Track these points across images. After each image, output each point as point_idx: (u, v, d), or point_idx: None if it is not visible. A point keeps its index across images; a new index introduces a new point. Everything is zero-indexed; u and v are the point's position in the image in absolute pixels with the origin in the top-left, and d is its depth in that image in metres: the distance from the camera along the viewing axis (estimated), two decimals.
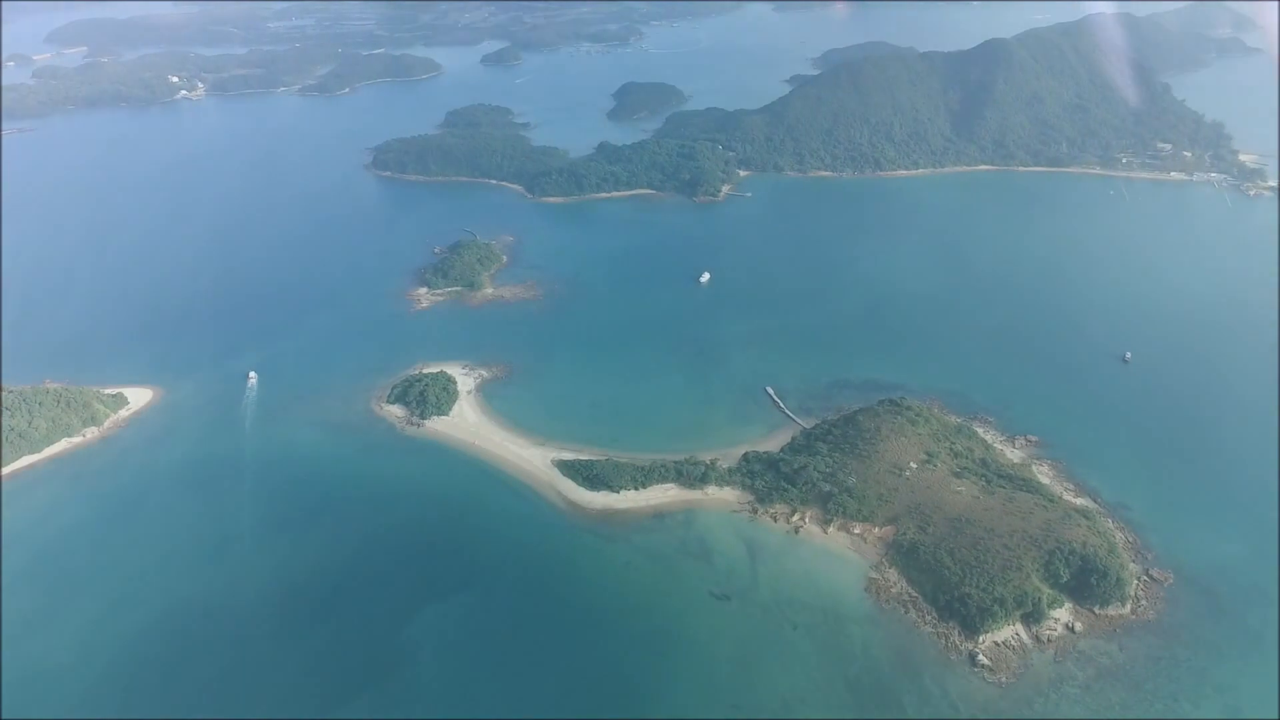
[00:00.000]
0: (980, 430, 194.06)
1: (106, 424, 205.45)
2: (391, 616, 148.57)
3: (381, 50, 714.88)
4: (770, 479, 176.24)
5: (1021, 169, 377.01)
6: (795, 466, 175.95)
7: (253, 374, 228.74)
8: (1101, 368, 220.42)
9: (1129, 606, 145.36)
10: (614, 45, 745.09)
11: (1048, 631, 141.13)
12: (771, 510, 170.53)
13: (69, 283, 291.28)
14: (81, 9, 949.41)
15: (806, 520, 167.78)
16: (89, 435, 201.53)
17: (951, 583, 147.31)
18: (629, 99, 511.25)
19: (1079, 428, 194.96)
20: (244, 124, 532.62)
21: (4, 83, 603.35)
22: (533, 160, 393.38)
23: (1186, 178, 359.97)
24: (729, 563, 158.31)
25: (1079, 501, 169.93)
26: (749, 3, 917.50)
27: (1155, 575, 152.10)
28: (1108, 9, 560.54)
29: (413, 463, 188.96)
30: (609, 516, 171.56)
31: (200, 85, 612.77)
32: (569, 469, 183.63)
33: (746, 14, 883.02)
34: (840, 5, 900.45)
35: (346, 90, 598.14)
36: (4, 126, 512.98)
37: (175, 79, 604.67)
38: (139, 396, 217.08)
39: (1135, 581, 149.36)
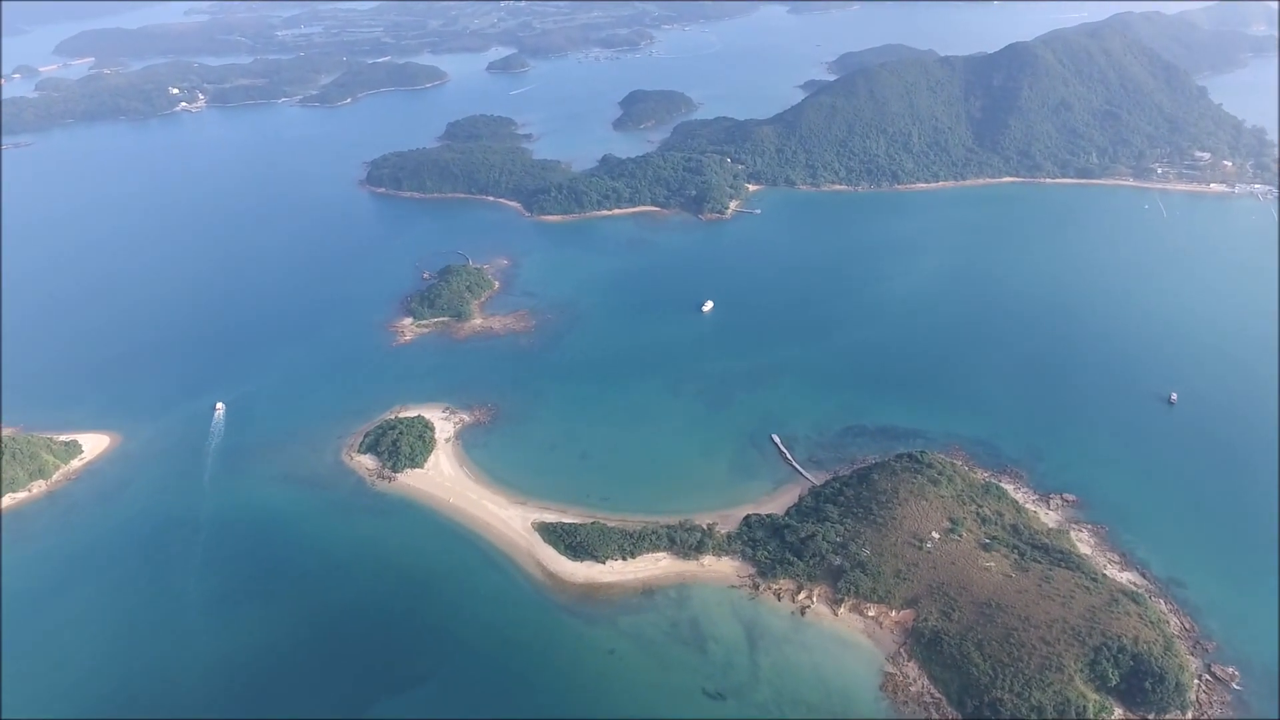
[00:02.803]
0: (1010, 488, 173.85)
1: (55, 476, 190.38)
2: (339, 713, 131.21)
3: (387, 59, 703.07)
4: (774, 549, 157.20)
5: (1048, 181, 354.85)
6: (802, 535, 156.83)
7: (220, 405, 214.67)
8: (1144, 410, 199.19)
9: (1190, 714, 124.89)
10: (624, 50, 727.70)
11: None
12: (775, 586, 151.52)
13: (30, 313, 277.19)
14: (92, 19, 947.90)
15: (814, 599, 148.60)
16: (34, 490, 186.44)
17: (981, 684, 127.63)
18: (636, 108, 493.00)
19: (1121, 484, 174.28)
20: (239, 137, 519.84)
21: (7, 96, 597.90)
22: (532, 175, 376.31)
23: (1228, 189, 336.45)
24: (725, 652, 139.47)
25: (1125, 577, 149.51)
26: (763, 3, 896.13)
27: (1218, 674, 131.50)
28: (1136, 8, 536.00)
29: (379, 525, 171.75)
30: (592, 592, 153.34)
31: (201, 97, 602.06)
32: (550, 534, 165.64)
33: (760, 16, 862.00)
34: (857, 6, 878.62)
35: (348, 101, 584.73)
36: (2, 142, 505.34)
37: (175, 90, 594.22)
38: (94, 444, 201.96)
39: (1196, 683, 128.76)
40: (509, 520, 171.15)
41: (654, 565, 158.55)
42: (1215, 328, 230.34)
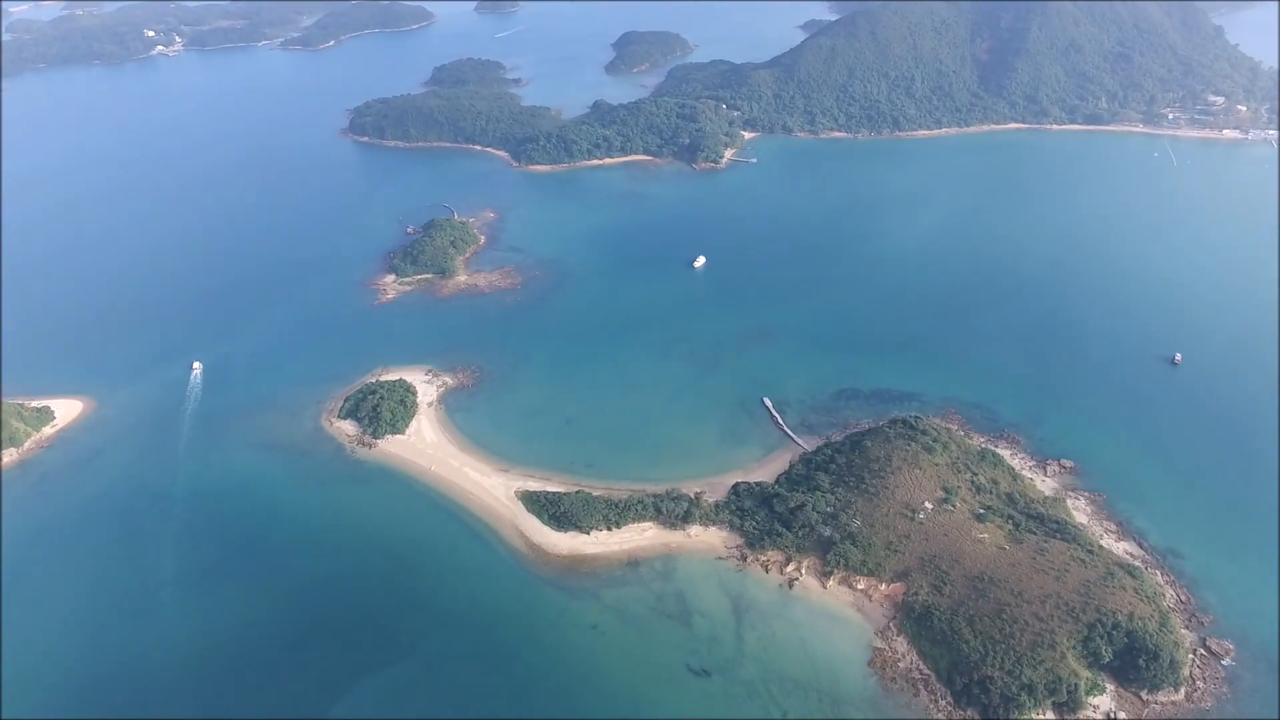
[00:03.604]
0: (1007, 453, 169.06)
1: (28, 444, 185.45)
2: (318, 693, 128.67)
3: None
4: (763, 519, 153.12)
5: (1055, 127, 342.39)
6: (792, 505, 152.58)
7: (197, 365, 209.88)
8: (1146, 372, 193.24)
9: (1183, 691, 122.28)
10: None
11: None
12: (763, 558, 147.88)
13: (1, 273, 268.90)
14: None
15: (803, 571, 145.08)
16: (7, 459, 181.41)
17: (971, 660, 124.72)
18: (629, 50, 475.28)
19: (1120, 449, 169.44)
20: (217, 84, 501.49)
21: None
22: (520, 123, 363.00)
23: (1241, 135, 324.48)
24: (711, 626, 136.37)
25: (1121, 548, 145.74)
26: None
27: (1213, 648, 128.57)
28: None
29: (359, 495, 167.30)
30: (576, 564, 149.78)
31: (178, 39, 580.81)
32: (534, 503, 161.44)
33: None
34: None
35: (331, 43, 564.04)
36: None
37: (151, 33, 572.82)
38: (68, 410, 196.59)
39: (1190, 658, 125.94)
40: (491, 489, 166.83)
41: (640, 536, 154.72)
42: (1223, 285, 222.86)
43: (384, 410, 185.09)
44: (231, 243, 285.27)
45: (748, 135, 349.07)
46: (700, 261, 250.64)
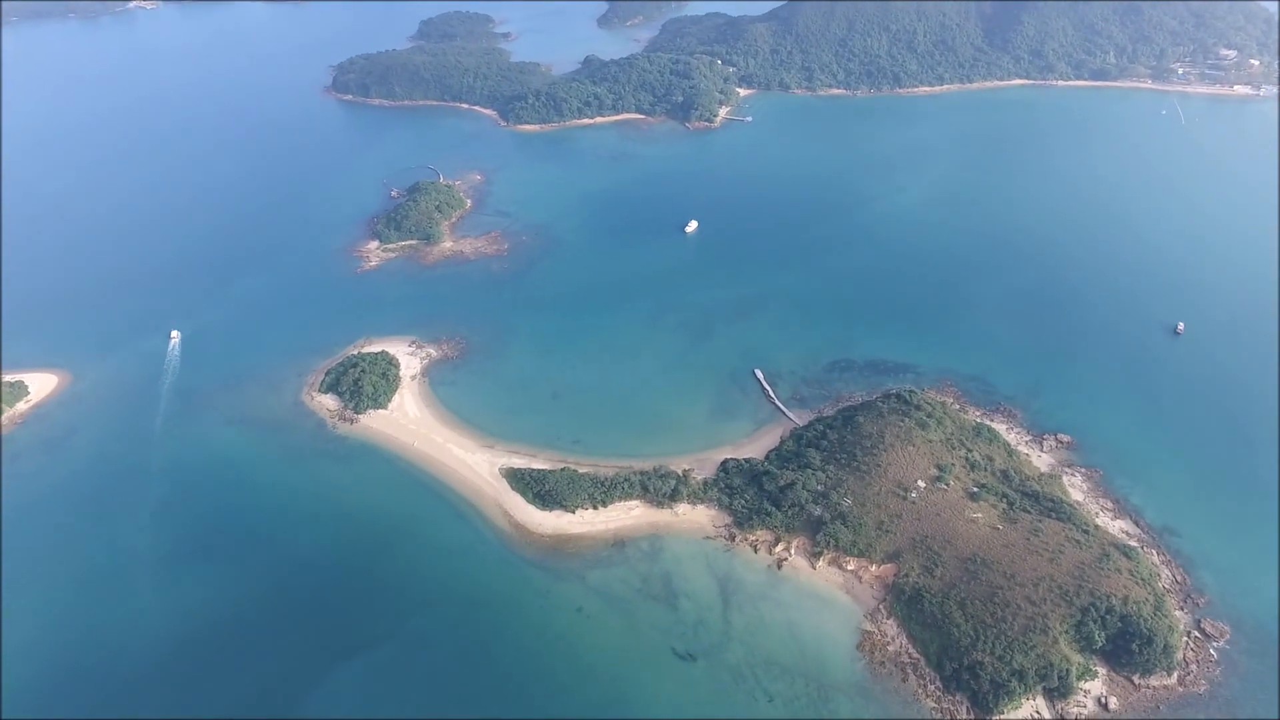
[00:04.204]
0: (1003, 428, 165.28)
1: (1, 421, 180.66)
2: (297, 677, 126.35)
3: None
4: (752, 497, 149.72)
5: (1060, 83, 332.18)
6: (782, 483, 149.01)
7: (175, 334, 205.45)
8: (1148, 342, 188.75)
9: (1175, 675, 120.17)
10: None
11: (1075, 709, 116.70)
12: (752, 538, 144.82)
13: None
14: None
15: (792, 551, 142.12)
16: None
17: (961, 645, 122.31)
18: (622, 2, 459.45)
19: (1119, 423, 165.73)
20: (196, 39, 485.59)
21: None
22: (509, 80, 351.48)
23: (1252, 92, 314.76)
24: (698, 609, 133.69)
25: (1117, 526, 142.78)
26: None
27: (1208, 629, 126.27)
28: None
29: (340, 473, 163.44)
30: (561, 544, 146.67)
31: None
32: (519, 481, 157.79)
33: None
34: None
35: None
36: None
37: None
38: (42, 384, 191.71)
39: (1184, 640, 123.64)
40: (476, 466, 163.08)
41: (626, 514, 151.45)
42: (1229, 250, 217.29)
43: (365, 384, 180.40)
44: (209, 207, 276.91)
45: (743, 92, 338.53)
46: (692, 226, 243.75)
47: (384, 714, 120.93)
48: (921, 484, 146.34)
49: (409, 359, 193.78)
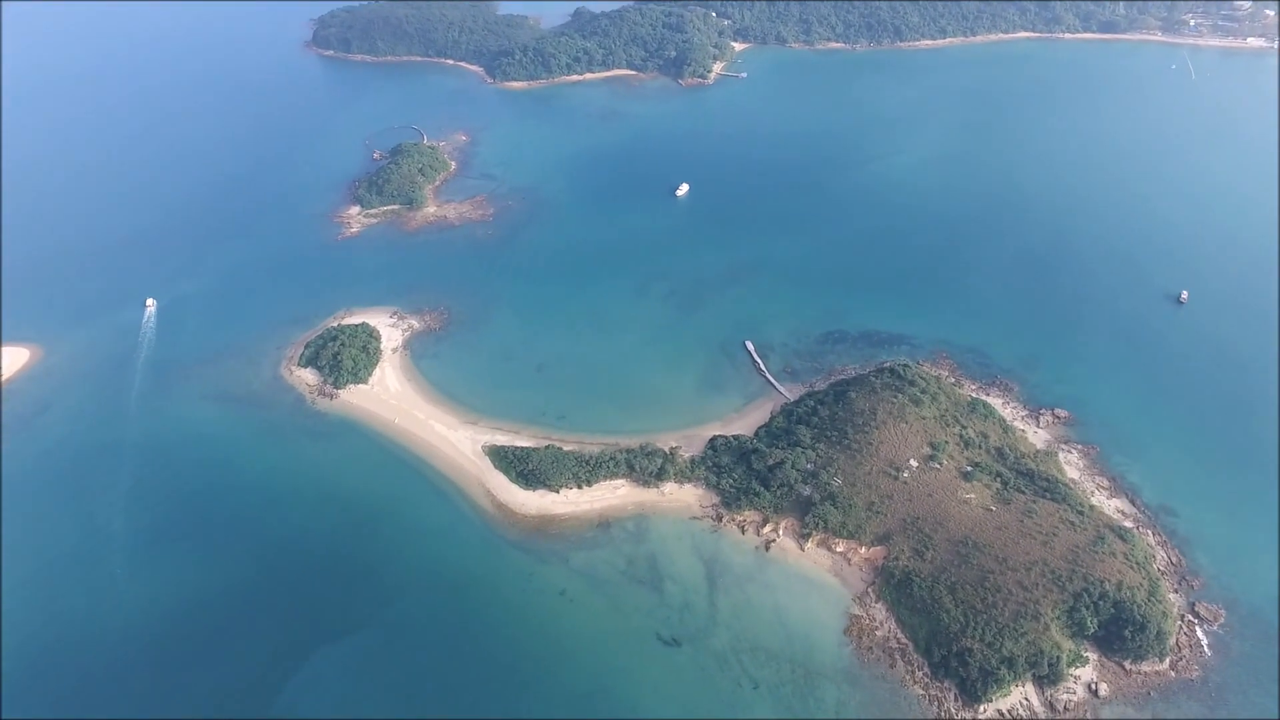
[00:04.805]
0: (999, 403, 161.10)
1: None
2: (272, 665, 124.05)
3: None
4: (740, 476, 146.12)
5: (1069, 36, 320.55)
6: (770, 462, 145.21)
7: (150, 302, 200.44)
8: (1150, 311, 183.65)
9: (1168, 661, 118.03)
10: None
11: (1065, 696, 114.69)
12: (739, 518, 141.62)
13: None
14: None
15: (780, 532, 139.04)
16: None
17: (951, 631, 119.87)
18: None
19: (1118, 396, 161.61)
20: None
21: None
22: (495, 35, 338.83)
23: (1267, 45, 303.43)
24: (683, 592, 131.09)
25: (1113, 505, 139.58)
26: None
27: (1202, 613, 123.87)
28: None
29: (319, 451, 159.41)
30: (545, 525, 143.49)
31: None
32: (502, 459, 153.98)
33: None
34: None
35: None
36: None
37: None
38: (13, 358, 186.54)
39: (1178, 626, 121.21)
40: (458, 443, 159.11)
41: (611, 494, 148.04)
42: (1238, 214, 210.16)
43: (345, 358, 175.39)
44: (185, 170, 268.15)
45: (738, 47, 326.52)
46: (683, 189, 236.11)
47: (364, 703, 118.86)
48: (914, 463, 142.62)
49: (390, 330, 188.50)
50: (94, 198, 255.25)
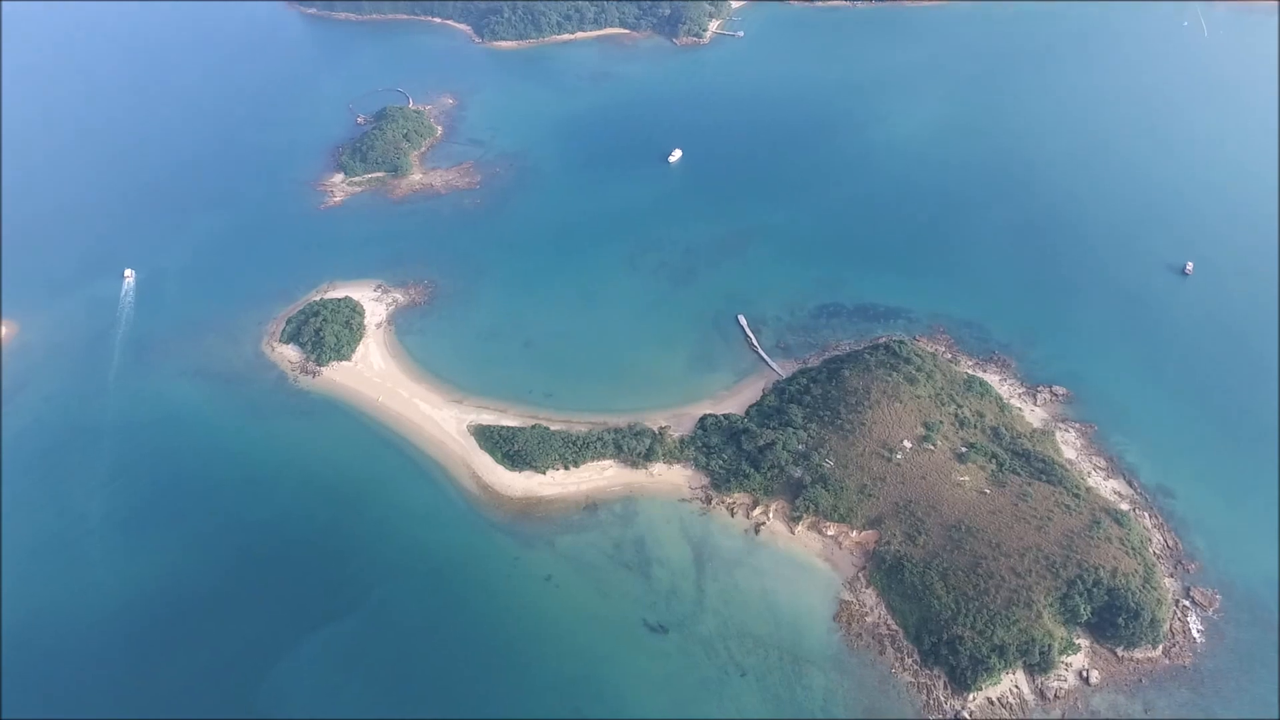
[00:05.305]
0: (996, 379, 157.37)
1: None
2: (256, 653, 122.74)
3: None
4: (730, 457, 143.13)
5: None
6: (761, 443, 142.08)
7: (129, 273, 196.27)
8: (1154, 283, 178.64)
9: (1161, 648, 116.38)
10: None
11: (1056, 683, 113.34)
12: (729, 501, 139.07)
13: None
14: None
15: (771, 515, 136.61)
16: None
17: (942, 618, 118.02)
18: None
19: (1117, 372, 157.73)
20: None
21: None
22: None
23: None
24: (671, 577, 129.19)
25: (1110, 486, 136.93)
26: None
27: (1197, 598, 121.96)
28: None
29: (301, 430, 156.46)
30: (531, 508, 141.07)
31: None
32: (487, 439, 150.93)
33: None
34: None
35: None
36: None
37: None
38: None
39: (1172, 612, 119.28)
40: (443, 422, 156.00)
41: (599, 475, 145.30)
42: (1248, 180, 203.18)
43: (328, 334, 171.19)
44: (163, 135, 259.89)
45: (736, 4, 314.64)
46: (676, 155, 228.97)
47: (346, 690, 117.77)
48: (907, 444, 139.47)
49: (374, 305, 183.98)
50: (67, 164, 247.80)
